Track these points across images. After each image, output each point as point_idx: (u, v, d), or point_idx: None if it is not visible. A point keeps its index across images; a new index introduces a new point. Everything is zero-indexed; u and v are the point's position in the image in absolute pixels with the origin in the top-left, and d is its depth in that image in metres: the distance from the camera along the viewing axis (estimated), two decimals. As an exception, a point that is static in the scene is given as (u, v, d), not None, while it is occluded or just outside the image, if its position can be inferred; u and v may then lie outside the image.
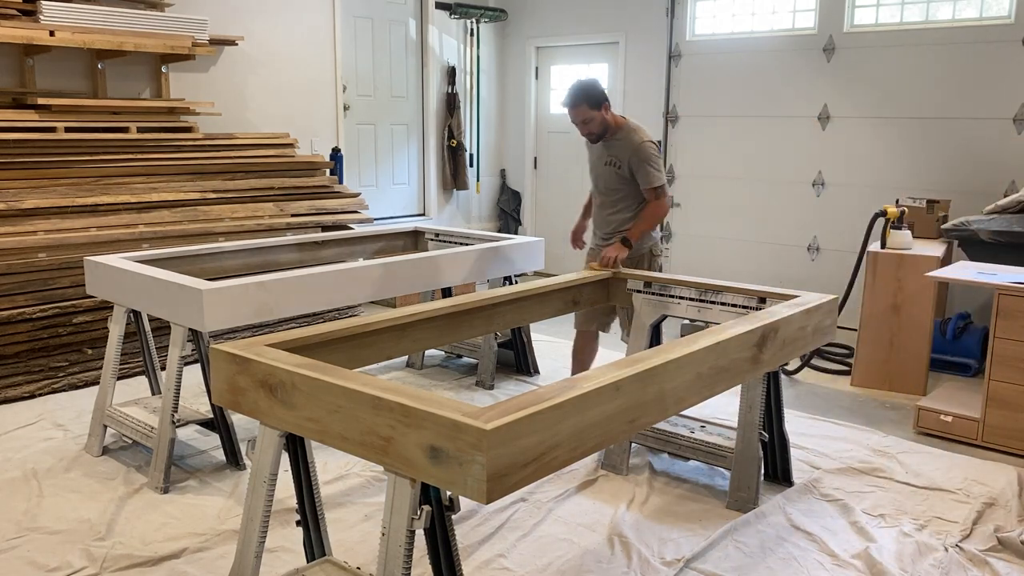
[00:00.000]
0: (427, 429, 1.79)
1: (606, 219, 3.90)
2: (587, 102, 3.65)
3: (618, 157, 3.75)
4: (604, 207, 3.89)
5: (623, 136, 3.75)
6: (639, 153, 3.70)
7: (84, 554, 2.74)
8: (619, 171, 3.75)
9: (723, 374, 2.56)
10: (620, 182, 3.78)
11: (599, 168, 3.84)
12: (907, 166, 5.66)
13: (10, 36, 4.54)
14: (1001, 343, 3.71)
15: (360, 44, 6.79)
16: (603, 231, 3.93)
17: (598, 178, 3.88)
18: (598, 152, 3.85)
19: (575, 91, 3.68)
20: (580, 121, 3.70)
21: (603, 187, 3.86)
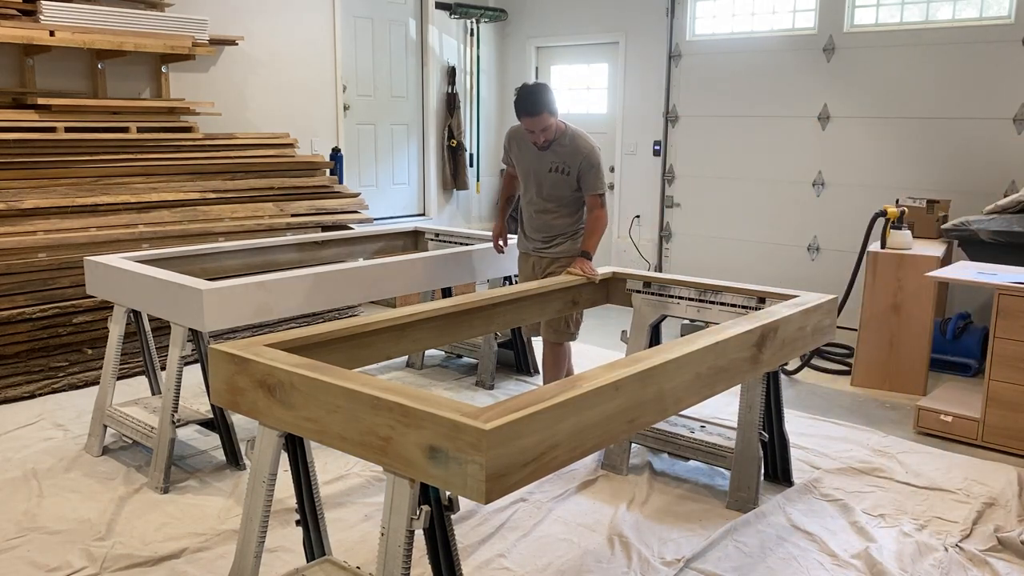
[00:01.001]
0: (426, 429, 1.79)
1: (546, 224, 3.79)
2: (548, 110, 3.55)
3: (566, 163, 3.66)
4: (543, 212, 3.79)
5: (569, 142, 3.66)
6: (589, 159, 3.64)
7: (84, 554, 2.74)
8: (566, 177, 3.67)
9: (722, 374, 2.56)
10: (566, 188, 3.70)
11: (541, 174, 3.72)
12: (907, 166, 5.66)
13: (10, 36, 4.54)
14: (1001, 343, 3.71)
15: (360, 44, 6.79)
16: (541, 235, 3.83)
17: (540, 184, 3.75)
18: (537, 157, 3.72)
19: (536, 99, 3.54)
20: (540, 129, 3.57)
21: (546, 193, 3.74)
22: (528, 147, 3.73)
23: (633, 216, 7.20)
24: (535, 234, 3.85)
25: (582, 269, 3.55)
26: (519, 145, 3.81)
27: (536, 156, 3.72)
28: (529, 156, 3.75)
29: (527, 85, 3.64)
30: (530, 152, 3.74)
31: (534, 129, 3.57)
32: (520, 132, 3.76)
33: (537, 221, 3.83)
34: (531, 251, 3.89)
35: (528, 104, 3.54)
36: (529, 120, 3.56)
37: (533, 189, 3.79)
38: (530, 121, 3.56)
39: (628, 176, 7.21)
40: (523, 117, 3.57)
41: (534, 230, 3.85)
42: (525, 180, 3.82)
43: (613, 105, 7.27)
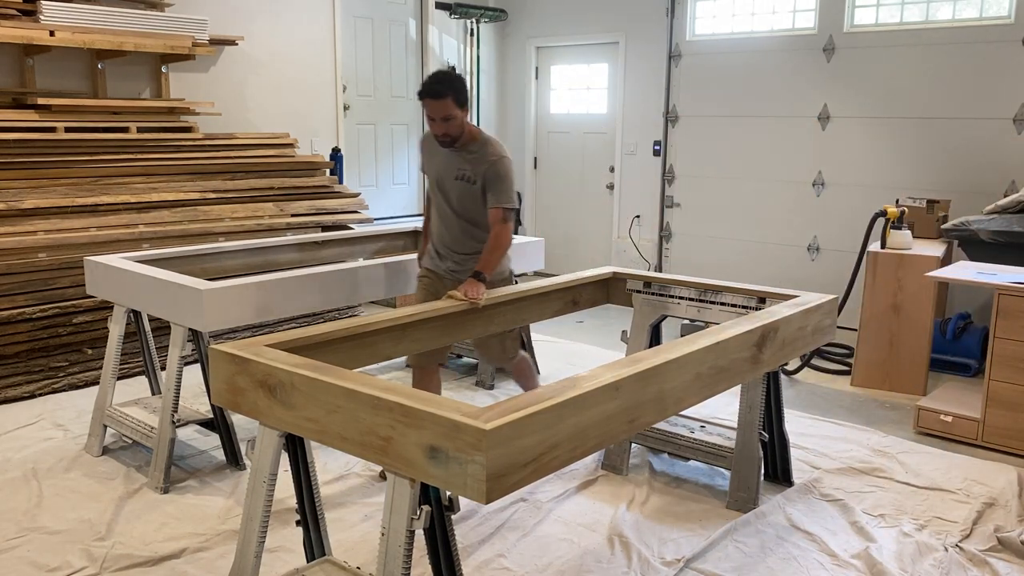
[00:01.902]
0: (426, 429, 1.79)
1: (457, 240, 3.36)
2: (454, 96, 3.11)
3: (472, 171, 3.23)
4: (453, 227, 3.34)
5: (478, 148, 3.24)
6: (496, 167, 3.21)
7: (84, 554, 2.74)
8: (472, 187, 3.25)
9: (723, 374, 2.56)
10: (473, 200, 3.27)
11: (448, 181, 3.30)
12: (907, 166, 5.66)
13: (10, 36, 4.54)
14: (1001, 343, 3.71)
15: (360, 44, 6.79)
16: (453, 254, 3.37)
17: (448, 192, 3.32)
18: (445, 162, 3.30)
19: (441, 80, 3.11)
20: (441, 117, 3.11)
21: (455, 204, 3.31)
22: (438, 150, 3.30)
23: (633, 216, 7.20)
24: (446, 252, 3.39)
25: (465, 292, 3.01)
26: (429, 147, 3.38)
27: (445, 160, 3.29)
28: (438, 160, 3.32)
29: (440, 70, 3.23)
30: (440, 156, 3.31)
31: (435, 116, 3.12)
32: (430, 134, 3.32)
33: (447, 235, 3.38)
34: (443, 272, 3.39)
35: (433, 84, 3.10)
36: (432, 104, 3.10)
37: (442, 198, 3.35)
38: (432, 105, 3.10)
39: (628, 176, 7.21)
40: (425, 100, 3.11)
41: (445, 247, 3.39)
42: (433, 188, 3.38)
43: (613, 105, 7.27)
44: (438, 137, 3.19)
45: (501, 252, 3.24)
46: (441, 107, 3.10)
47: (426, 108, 3.13)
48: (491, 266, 3.18)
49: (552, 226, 7.86)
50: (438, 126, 3.15)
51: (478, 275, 3.11)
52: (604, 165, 7.42)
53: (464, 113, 3.17)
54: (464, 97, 3.16)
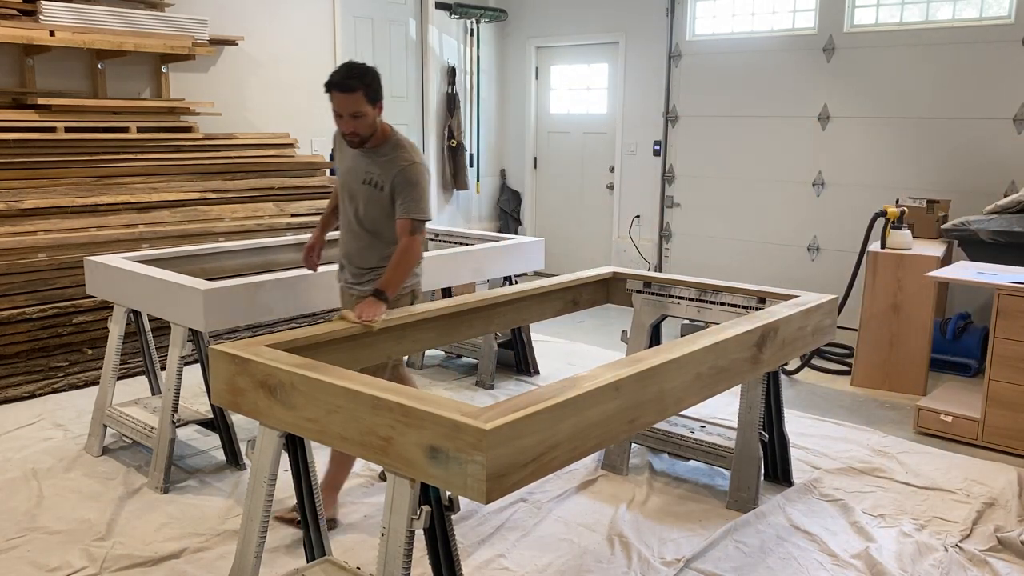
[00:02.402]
0: (427, 429, 1.79)
1: (360, 252, 3.01)
2: (365, 90, 2.79)
3: (381, 176, 2.89)
4: (359, 236, 2.99)
5: (390, 151, 2.91)
6: (407, 174, 2.86)
7: (84, 554, 2.74)
8: (380, 193, 2.90)
9: (723, 374, 2.56)
10: (380, 208, 2.92)
11: (355, 184, 2.95)
12: (907, 166, 5.66)
13: (10, 36, 4.54)
14: (1001, 343, 3.71)
15: (360, 44, 6.79)
16: (358, 265, 3.02)
17: (353, 197, 2.97)
18: (352, 163, 2.97)
19: (352, 72, 2.79)
20: (350, 113, 2.79)
21: (360, 211, 2.96)
22: (346, 149, 2.99)
23: (633, 216, 7.20)
24: (351, 262, 3.05)
25: (359, 314, 2.61)
26: (340, 146, 3.05)
27: (352, 162, 2.96)
28: (346, 161, 3.00)
29: (350, 62, 2.89)
30: (348, 156, 2.98)
31: (343, 112, 2.79)
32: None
33: (353, 245, 3.02)
34: (342, 283, 3.11)
35: (343, 76, 2.77)
36: (340, 98, 2.77)
37: (347, 203, 3.00)
38: (340, 100, 2.77)
39: (628, 176, 7.21)
40: (332, 93, 2.78)
41: (347, 257, 3.06)
42: (340, 190, 3.04)
43: (613, 105, 7.27)
44: (345, 136, 2.87)
45: (407, 269, 2.85)
46: (350, 102, 2.77)
47: (333, 102, 2.80)
48: (394, 284, 2.79)
49: (552, 226, 7.86)
50: (346, 123, 2.82)
51: (378, 293, 2.72)
52: (604, 165, 7.42)
53: (376, 111, 2.86)
54: (378, 93, 2.85)
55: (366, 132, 2.86)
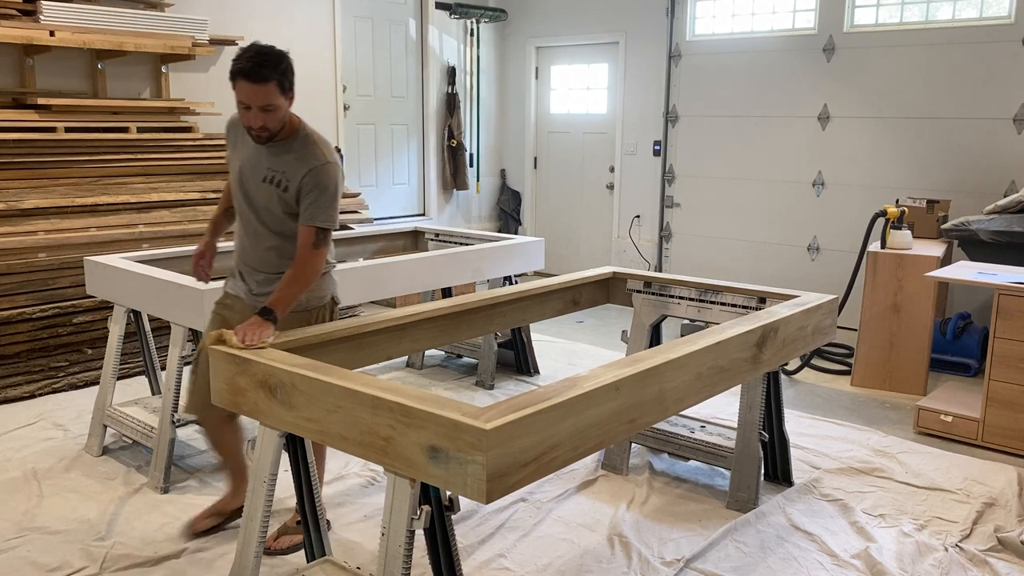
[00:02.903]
0: (427, 429, 1.79)
1: (262, 257, 2.66)
2: (279, 80, 2.43)
3: (286, 175, 2.54)
4: (263, 238, 2.64)
5: (299, 147, 2.56)
6: (318, 176, 2.51)
7: (84, 554, 2.74)
8: (284, 193, 2.55)
9: (723, 374, 2.56)
10: (284, 208, 2.58)
11: (253, 182, 2.59)
12: (907, 166, 5.66)
13: (10, 36, 4.54)
14: (1001, 343, 3.71)
15: (360, 44, 6.79)
16: (265, 271, 2.67)
17: (251, 196, 2.61)
18: (252, 157, 2.59)
19: (266, 60, 2.40)
20: (261, 106, 2.42)
21: (260, 211, 2.61)
22: (243, 142, 2.61)
23: (633, 216, 7.20)
24: (248, 270, 2.70)
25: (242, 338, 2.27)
26: (235, 138, 2.67)
27: (252, 155, 2.59)
28: (244, 153, 2.62)
29: (258, 45, 2.44)
30: (247, 148, 2.60)
31: (253, 104, 2.41)
32: (238, 121, 2.63)
33: (250, 251, 2.67)
34: (243, 294, 2.71)
35: (255, 65, 2.38)
36: (250, 89, 2.39)
37: (244, 202, 2.63)
38: (251, 91, 2.40)
39: (628, 176, 7.22)
40: (241, 82, 2.39)
41: (246, 264, 2.70)
42: (235, 188, 2.66)
43: (613, 105, 7.27)
44: (252, 131, 2.49)
45: (303, 285, 2.51)
46: (263, 93, 2.40)
47: (240, 93, 2.41)
48: (286, 302, 2.44)
49: (552, 226, 7.86)
50: (254, 117, 2.44)
51: (266, 312, 2.38)
52: (604, 165, 7.42)
53: (288, 102, 2.49)
54: (291, 82, 2.48)
55: (276, 127, 2.49)
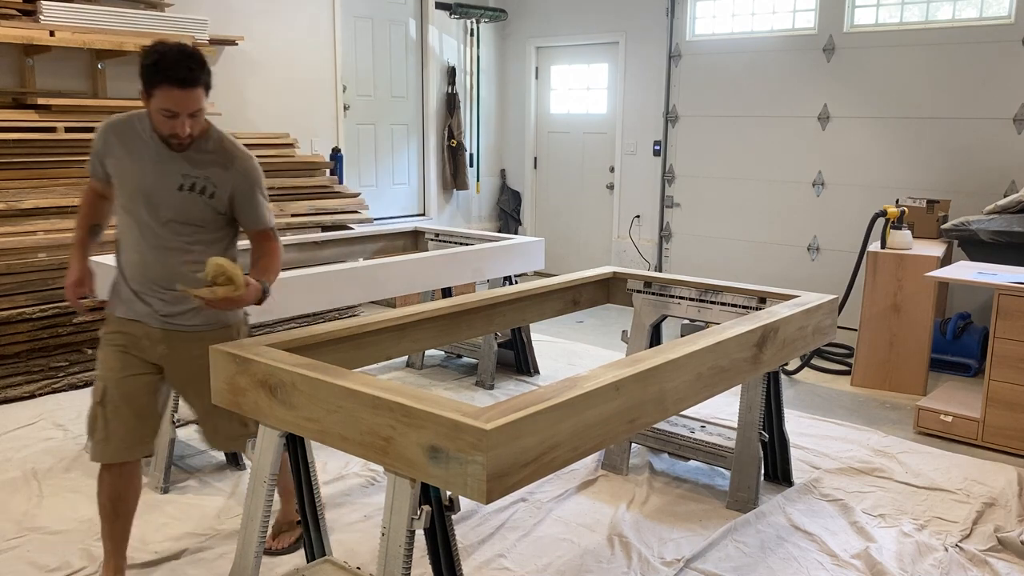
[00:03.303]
0: (427, 429, 1.79)
1: (175, 271, 2.36)
2: (206, 82, 2.25)
3: (209, 178, 2.34)
4: (170, 252, 2.37)
5: (217, 149, 2.37)
6: (252, 177, 2.40)
7: (84, 554, 2.74)
8: (208, 200, 2.35)
9: (723, 374, 2.56)
10: (205, 216, 2.37)
11: (163, 193, 2.33)
12: (907, 166, 5.66)
13: (10, 36, 4.54)
14: (1001, 343, 3.71)
15: (360, 44, 6.79)
16: (166, 288, 2.36)
17: (159, 208, 2.34)
18: (158, 167, 2.33)
19: (193, 60, 2.21)
20: (190, 112, 2.23)
21: (176, 222, 2.35)
22: (141, 148, 2.34)
23: (633, 216, 7.20)
24: (153, 288, 2.38)
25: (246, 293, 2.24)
26: (124, 144, 2.36)
27: (158, 164, 2.33)
28: (141, 162, 2.34)
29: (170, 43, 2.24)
30: (144, 156, 2.34)
31: (181, 111, 2.21)
32: (128, 126, 2.37)
33: (157, 269, 2.37)
34: (147, 318, 2.40)
35: (186, 69, 2.18)
36: (180, 95, 2.19)
37: (149, 218, 2.35)
38: (181, 97, 2.19)
39: (628, 176, 7.22)
40: (167, 89, 2.18)
41: (151, 283, 2.38)
42: (130, 199, 2.36)
43: (613, 105, 7.27)
44: (173, 139, 2.28)
45: (278, 270, 2.47)
46: (194, 99, 2.21)
47: (166, 100, 2.19)
48: (275, 273, 2.43)
49: (552, 226, 7.86)
50: (180, 124, 2.23)
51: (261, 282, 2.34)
52: (604, 165, 7.42)
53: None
54: (210, 85, 2.30)
55: (198, 132, 2.32)
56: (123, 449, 2.40)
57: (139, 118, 2.38)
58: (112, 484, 2.43)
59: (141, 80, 2.23)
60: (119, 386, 2.38)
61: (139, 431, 2.42)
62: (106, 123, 2.41)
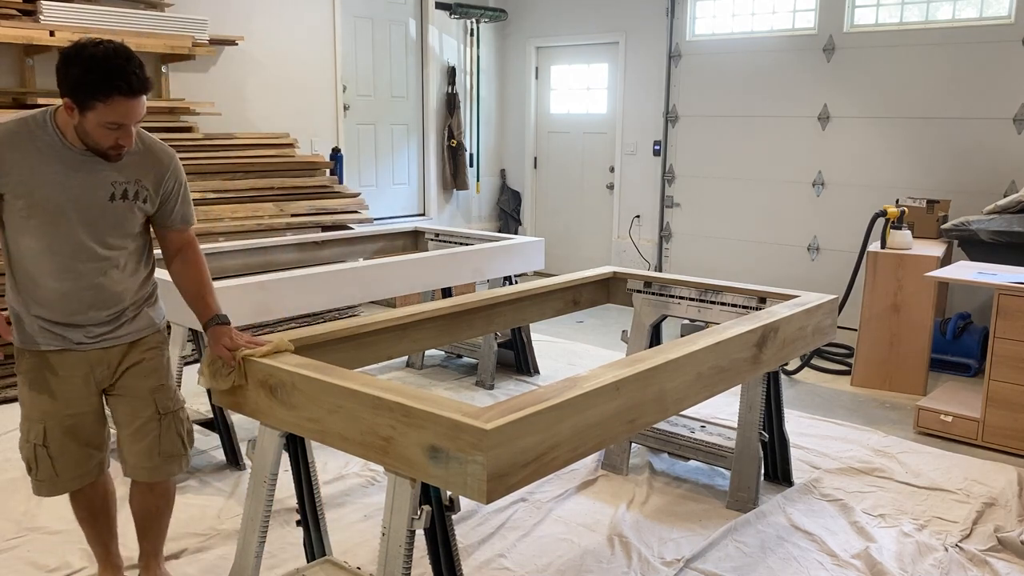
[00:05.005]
0: (427, 429, 1.79)
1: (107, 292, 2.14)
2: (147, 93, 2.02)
3: (141, 181, 2.13)
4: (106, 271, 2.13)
5: (140, 148, 2.13)
6: (178, 172, 2.23)
7: (84, 554, 2.74)
8: (143, 204, 2.15)
9: (723, 374, 2.56)
10: (142, 218, 2.18)
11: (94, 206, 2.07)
12: (907, 166, 5.66)
13: (10, 36, 4.54)
14: (1001, 343, 3.71)
15: (360, 44, 6.79)
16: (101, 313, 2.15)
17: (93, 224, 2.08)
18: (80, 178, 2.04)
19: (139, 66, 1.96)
20: (133, 122, 2.00)
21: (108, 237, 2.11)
22: (51, 159, 2.02)
23: (633, 216, 7.20)
24: (84, 314, 2.13)
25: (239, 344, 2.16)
26: (26, 158, 2.01)
27: (76, 172, 2.04)
28: (57, 176, 2.02)
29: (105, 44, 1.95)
30: (58, 167, 2.02)
31: (130, 120, 1.99)
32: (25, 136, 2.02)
33: (89, 294, 2.12)
34: (76, 345, 2.15)
35: (131, 75, 1.93)
36: (130, 105, 1.96)
37: (75, 233, 2.06)
38: (131, 106, 1.96)
39: (628, 176, 7.22)
40: (115, 99, 1.93)
41: (85, 307, 2.12)
42: (48, 221, 2.04)
43: (613, 105, 7.27)
44: (114, 151, 2.04)
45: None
46: (142, 105, 2.00)
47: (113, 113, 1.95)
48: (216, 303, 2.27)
49: (552, 226, 7.86)
50: (126, 135, 2.01)
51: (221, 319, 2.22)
52: (604, 165, 7.42)
53: None
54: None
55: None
56: (76, 478, 2.26)
57: (37, 124, 2.04)
58: (79, 500, 2.36)
59: (72, 91, 1.93)
60: (60, 424, 2.18)
61: (90, 460, 2.27)
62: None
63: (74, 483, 2.27)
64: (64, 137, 2.04)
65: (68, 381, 2.18)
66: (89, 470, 2.28)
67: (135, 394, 2.26)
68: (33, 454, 2.21)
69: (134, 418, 2.26)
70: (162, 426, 2.29)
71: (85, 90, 1.92)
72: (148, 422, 2.27)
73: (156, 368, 2.29)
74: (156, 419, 2.27)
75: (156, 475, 2.32)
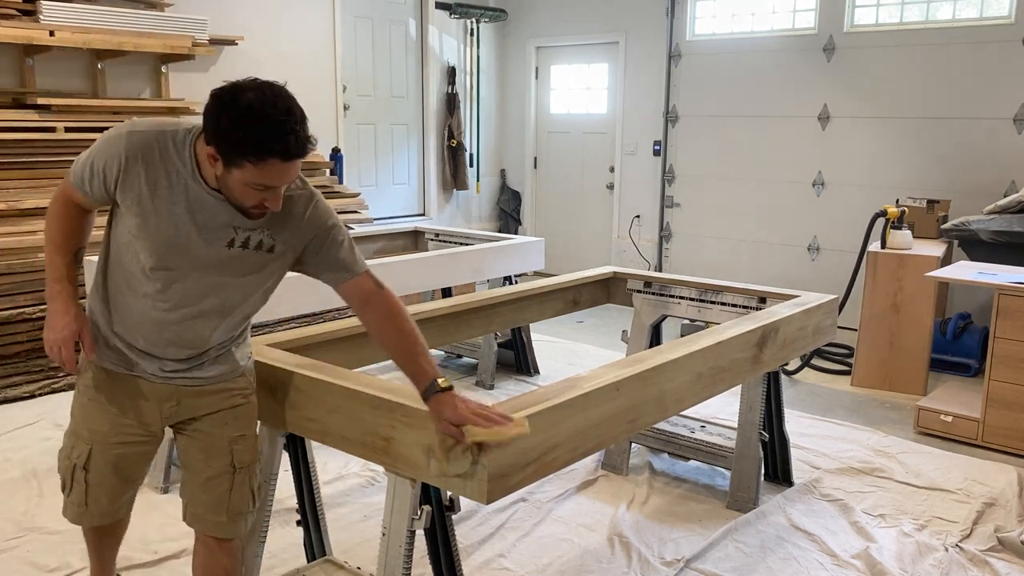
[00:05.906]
0: (427, 429, 1.79)
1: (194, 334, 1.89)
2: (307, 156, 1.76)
3: (277, 236, 1.85)
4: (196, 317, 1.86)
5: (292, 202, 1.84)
6: (325, 220, 1.90)
7: (84, 554, 2.73)
8: (269, 257, 1.87)
9: (723, 374, 2.56)
10: (260, 279, 1.90)
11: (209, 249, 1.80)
12: (907, 166, 5.66)
13: (10, 36, 4.54)
14: (1001, 343, 3.71)
15: (360, 44, 6.79)
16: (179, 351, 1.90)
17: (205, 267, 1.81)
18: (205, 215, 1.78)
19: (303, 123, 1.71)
20: (284, 184, 1.74)
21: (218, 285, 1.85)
22: (174, 187, 1.77)
23: (633, 216, 7.20)
24: (162, 348, 1.90)
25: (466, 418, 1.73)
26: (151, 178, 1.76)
27: (199, 215, 1.78)
28: (175, 207, 1.77)
29: (264, 90, 1.73)
30: (179, 199, 1.77)
31: (278, 183, 1.72)
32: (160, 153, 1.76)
33: (174, 329, 1.87)
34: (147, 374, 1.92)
35: (293, 137, 1.67)
36: (284, 168, 1.69)
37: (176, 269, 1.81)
38: (284, 169, 1.70)
39: (628, 176, 7.21)
40: (269, 161, 1.66)
41: (164, 343, 1.89)
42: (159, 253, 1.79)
43: (613, 105, 7.27)
44: (256, 210, 1.77)
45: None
46: (296, 168, 1.73)
47: (262, 175, 1.68)
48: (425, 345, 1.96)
49: (552, 226, 7.85)
50: (274, 198, 1.74)
51: (439, 387, 1.82)
52: (604, 165, 7.42)
53: None
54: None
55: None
56: (105, 515, 2.06)
57: (175, 144, 1.78)
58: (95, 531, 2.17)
59: (217, 141, 1.66)
60: (107, 452, 1.96)
61: (124, 495, 2.07)
62: (127, 139, 1.77)
63: (98, 519, 2.07)
64: (199, 169, 1.76)
65: (129, 409, 1.95)
66: (119, 507, 2.08)
67: (211, 442, 1.99)
68: (71, 475, 2.00)
69: (206, 467, 2.00)
70: (235, 481, 2.00)
71: (235, 147, 1.65)
72: (221, 475, 1.99)
73: (238, 416, 2.00)
74: (230, 473, 1.99)
75: (219, 531, 2.03)
